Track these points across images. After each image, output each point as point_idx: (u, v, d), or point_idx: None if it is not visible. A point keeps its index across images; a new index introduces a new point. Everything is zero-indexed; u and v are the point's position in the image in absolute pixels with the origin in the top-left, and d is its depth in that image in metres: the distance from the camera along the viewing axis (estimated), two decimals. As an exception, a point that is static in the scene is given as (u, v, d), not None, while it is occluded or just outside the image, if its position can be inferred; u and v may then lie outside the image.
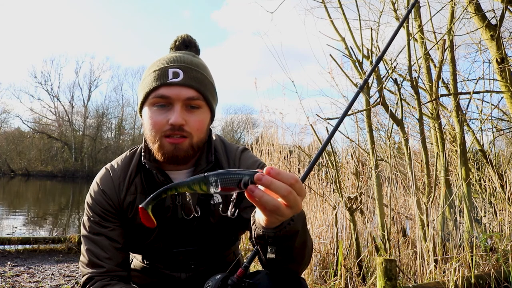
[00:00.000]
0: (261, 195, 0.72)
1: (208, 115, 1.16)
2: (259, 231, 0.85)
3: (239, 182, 0.72)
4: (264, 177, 0.71)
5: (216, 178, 0.73)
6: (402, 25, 1.31)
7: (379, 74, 3.30)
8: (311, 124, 3.51)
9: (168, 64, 1.11)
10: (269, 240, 0.84)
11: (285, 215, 0.75)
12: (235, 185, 0.73)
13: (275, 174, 0.72)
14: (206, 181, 0.74)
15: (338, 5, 3.54)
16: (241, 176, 0.73)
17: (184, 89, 1.09)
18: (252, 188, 0.72)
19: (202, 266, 1.26)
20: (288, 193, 0.72)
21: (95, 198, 1.20)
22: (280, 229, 0.82)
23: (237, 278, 0.97)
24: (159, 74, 1.10)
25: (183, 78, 1.09)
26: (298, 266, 0.97)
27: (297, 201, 0.74)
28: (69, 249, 4.59)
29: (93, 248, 1.16)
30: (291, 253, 0.89)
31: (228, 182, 0.73)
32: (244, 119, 24.14)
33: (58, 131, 38.46)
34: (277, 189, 0.71)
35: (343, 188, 3.45)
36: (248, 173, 0.73)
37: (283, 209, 0.74)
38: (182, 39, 1.25)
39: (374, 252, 3.15)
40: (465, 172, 3.50)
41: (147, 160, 1.18)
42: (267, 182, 0.71)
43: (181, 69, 1.10)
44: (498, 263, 2.80)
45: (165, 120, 1.08)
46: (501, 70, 3.60)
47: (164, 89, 1.09)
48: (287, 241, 0.85)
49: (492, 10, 3.69)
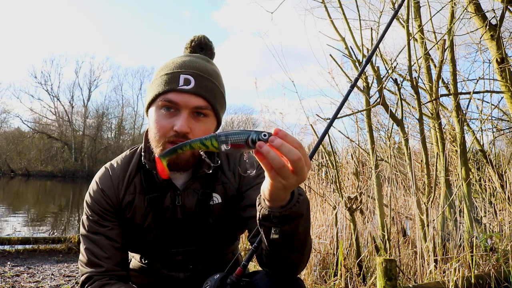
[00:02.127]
0: (268, 150, 0.72)
1: (214, 124, 1.16)
2: (265, 210, 0.84)
3: (247, 139, 0.75)
4: (276, 139, 0.72)
5: (226, 135, 0.77)
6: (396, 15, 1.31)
7: (379, 74, 3.29)
8: (311, 124, 3.51)
9: (181, 69, 1.10)
10: (274, 220, 0.84)
11: (289, 179, 0.75)
12: (244, 141, 0.75)
13: (283, 135, 0.73)
14: (217, 138, 0.77)
15: (338, 5, 3.54)
16: (249, 133, 0.76)
17: (193, 97, 1.08)
18: (261, 144, 0.73)
19: (201, 266, 1.26)
20: (298, 158, 0.73)
21: (94, 197, 1.20)
22: (285, 209, 0.82)
23: (236, 277, 0.97)
24: (170, 79, 1.09)
25: (194, 86, 1.08)
26: (298, 258, 0.96)
27: (304, 168, 0.74)
28: (69, 249, 4.59)
29: (92, 248, 1.16)
30: (294, 238, 0.89)
31: (237, 139, 0.76)
32: (244, 119, 24.18)
33: (58, 131, 38.48)
34: (287, 152, 0.72)
35: (343, 188, 3.45)
36: (255, 132, 0.76)
37: (288, 171, 0.74)
38: (198, 40, 1.23)
39: (374, 252, 3.14)
40: (465, 172, 3.50)
41: (147, 160, 1.17)
42: (278, 144, 0.72)
43: (193, 76, 1.09)
44: (498, 263, 2.80)
45: (170, 125, 1.07)
46: (501, 70, 3.60)
47: (173, 94, 1.08)
48: (291, 222, 0.84)
49: (492, 10, 3.69)
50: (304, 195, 0.86)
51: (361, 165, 3.71)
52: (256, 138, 0.74)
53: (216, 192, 1.21)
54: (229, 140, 0.76)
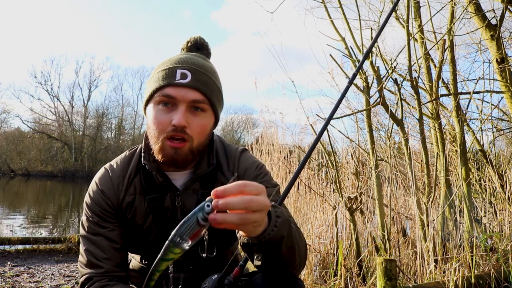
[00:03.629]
0: (223, 217, 0.72)
1: (211, 120, 1.16)
2: (244, 239, 0.85)
3: (197, 222, 0.73)
4: (218, 202, 0.71)
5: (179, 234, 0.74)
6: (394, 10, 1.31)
7: (379, 74, 3.29)
8: (311, 124, 3.51)
9: (177, 64, 1.11)
10: (255, 248, 0.84)
11: (258, 220, 0.75)
12: (197, 227, 0.73)
13: (221, 193, 0.72)
14: (174, 243, 0.75)
15: (338, 5, 3.53)
16: (195, 216, 0.73)
17: (190, 91, 1.08)
18: (212, 217, 0.72)
19: (201, 267, 1.26)
20: (247, 203, 0.72)
21: (94, 198, 1.20)
22: (264, 236, 0.82)
23: (234, 277, 0.98)
24: (167, 74, 1.10)
25: (190, 80, 1.09)
26: (291, 269, 0.97)
27: (260, 202, 0.74)
28: (69, 249, 4.59)
29: (92, 249, 1.15)
30: (279, 259, 0.89)
31: (190, 229, 0.74)
32: (244, 119, 24.16)
33: (58, 131, 38.48)
34: (236, 206, 0.72)
35: (343, 188, 3.45)
36: (198, 209, 0.73)
37: (253, 217, 0.74)
38: (194, 40, 1.24)
39: (374, 252, 3.14)
40: (465, 172, 3.50)
41: (147, 161, 1.17)
42: (223, 206, 0.72)
43: (189, 70, 1.10)
44: (498, 263, 2.80)
45: (169, 120, 1.07)
46: (501, 70, 3.59)
47: (171, 89, 1.08)
48: (273, 247, 0.85)
49: (492, 10, 3.69)
50: (282, 216, 0.86)
51: (361, 165, 3.71)
52: (204, 214, 0.73)
53: None
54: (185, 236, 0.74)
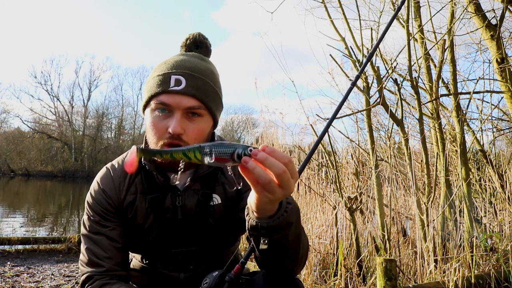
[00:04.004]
0: (254, 166, 0.72)
1: (209, 123, 1.15)
2: (253, 221, 0.84)
3: (233, 153, 0.73)
4: (260, 152, 0.71)
5: (211, 148, 0.74)
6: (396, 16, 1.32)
7: (379, 74, 3.29)
8: (311, 124, 3.51)
9: (172, 70, 1.10)
10: (262, 231, 0.84)
11: (276, 193, 0.75)
12: (229, 156, 0.73)
13: (270, 151, 0.72)
14: (201, 150, 0.74)
15: (338, 5, 3.54)
16: (235, 148, 0.73)
17: (185, 98, 1.07)
18: (246, 159, 0.72)
19: (201, 267, 1.26)
20: (282, 171, 0.72)
21: (95, 197, 1.20)
22: (273, 220, 0.82)
23: (234, 274, 0.98)
24: (162, 80, 1.09)
25: (184, 87, 1.07)
26: (293, 263, 0.97)
27: (290, 182, 0.74)
28: (69, 249, 4.59)
29: (93, 248, 1.16)
30: (285, 247, 0.89)
31: (222, 152, 0.73)
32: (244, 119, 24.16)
33: (58, 131, 38.46)
34: (271, 166, 0.72)
35: (343, 188, 3.45)
36: (242, 146, 0.73)
37: (275, 186, 0.73)
38: (193, 38, 1.22)
39: (374, 252, 3.14)
40: (465, 172, 3.50)
41: (147, 162, 1.17)
42: (262, 158, 0.71)
43: (184, 76, 1.08)
44: (498, 263, 2.80)
45: (165, 127, 1.07)
46: (501, 70, 3.60)
47: (165, 96, 1.07)
48: (280, 232, 0.84)
49: (492, 10, 3.69)
50: (293, 203, 0.86)
51: (361, 165, 3.71)
52: (242, 152, 0.72)
53: (215, 193, 1.21)
54: (214, 153, 0.74)
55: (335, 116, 1.18)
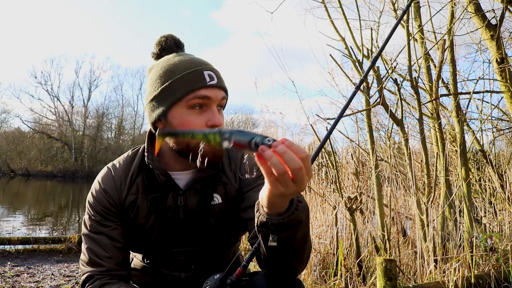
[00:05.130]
0: (271, 155, 0.72)
1: None
2: (263, 217, 0.84)
3: (251, 141, 0.74)
4: (280, 145, 0.72)
5: (230, 133, 0.77)
6: (400, 22, 1.32)
7: (379, 74, 3.30)
8: (311, 124, 3.52)
9: (201, 66, 1.13)
10: (272, 228, 0.84)
11: (289, 187, 0.75)
12: (247, 142, 0.74)
13: (289, 144, 0.73)
14: (221, 133, 0.78)
15: (338, 5, 3.54)
16: (253, 135, 0.75)
17: (219, 91, 1.13)
18: (264, 148, 0.72)
19: (202, 266, 1.26)
20: (299, 167, 0.72)
21: (96, 197, 1.20)
22: (283, 217, 0.82)
23: (236, 277, 0.98)
24: (197, 76, 1.11)
25: (218, 81, 1.13)
26: (297, 262, 0.97)
27: (304, 178, 0.74)
28: (69, 249, 4.59)
29: (94, 247, 1.16)
30: (292, 245, 0.89)
31: (241, 138, 0.75)
32: (244, 119, 24.13)
33: (58, 131, 38.43)
34: (289, 160, 0.72)
35: (343, 188, 3.45)
36: (260, 135, 0.75)
37: (288, 179, 0.74)
38: (172, 39, 1.25)
39: (374, 252, 3.15)
40: (465, 172, 3.50)
41: (150, 160, 1.17)
42: (281, 151, 0.72)
43: (213, 72, 1.14)
44: (498, 263, 2.80)
45: (203, 121, 1.09)
46: (501, 70, 3.60)
47: (205, 90, 1.10)
48: (289, 230, 0.84)
49: (492, 10, 3.69)
50: (303, 202, 0.86)
51: (361, 165, 3.72)
52: (260, 141, 0.73)
53: (216, 192, 1.22)
54: (233, 138, 0.76)
55: (337, 122, 1.19)
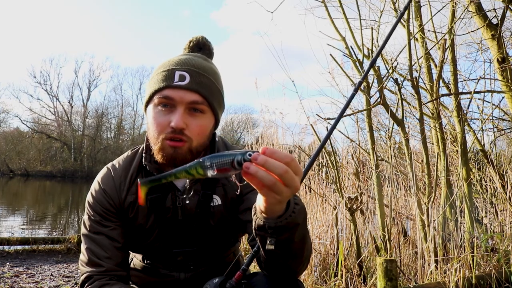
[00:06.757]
0: (256, 170, 0.71)
1: (211, 121, 1.15)
2: (260, 221, 0.84)
3: (232, 162, 0.73)
4: (259, 156, 0.71)
5: (211, 160, 0.75)
6: (400, 21, 1.31)
7: (379, 74, 3.29)
8: (312, 124, 3.50)
9: (176, 66, 1.11)
10: (269, 231, 0.83)
11: (283, 193, 0.74)
12: (229, 165, 0.73)
13: (270, 153, 0.72)
14: (202, 164, 0.75)
15: (338, 5, 3.53)
16: (233, 155, 0.73)
17: (188, 93, 1.08)
18: (247, 165, 0.71)
19: (202, 267, 1.26)
20: (284, 171, 0.72)
21: (96, 197, 1.20)
22: (281, 220, 0.81)
23: (235, 281, 0.97)
24: (166, 76, 1.10)
25: (188, 82, 1.09)
26: (297, 264, 0.96)
27: (294, 179, 0.73)
28: (68, 249, 4.58)
29: (93, 247, 1.15)
30: (290, 247, 0.88)
31: (222, 163, 0.74)
32: (244, 119, 24.19)
33: (58, 131, 38.41)
34: (273, 167, 0.71)
35: (344, 188, 3.44)
36: (240, 152, 0.74)
37: (281, 186, 0.73)
38: (196, 40, 1.25)
39: (375, 253, 3.13)
40: (466, 172, 3.49)
41: (148, 162, 1.18)
42: (262, 161, 0.71)
43: (188, 72, 1.10)
44: (499, 264, 2.79)
45: (167, 122, 1.08)
46: (502, 69, 3.59)
47: (169, 90, 1.08)
48: (287, 232, 0.84)
49: (493, 10, 3.69)
50: (300, 204, 0.86)
51: (362, 165, 3.70)
52: (242, 159, 0.72)
53: (216, 194, 1.21)
54: (214, 165, 0.74)
55: (338, 122, 1.18)
